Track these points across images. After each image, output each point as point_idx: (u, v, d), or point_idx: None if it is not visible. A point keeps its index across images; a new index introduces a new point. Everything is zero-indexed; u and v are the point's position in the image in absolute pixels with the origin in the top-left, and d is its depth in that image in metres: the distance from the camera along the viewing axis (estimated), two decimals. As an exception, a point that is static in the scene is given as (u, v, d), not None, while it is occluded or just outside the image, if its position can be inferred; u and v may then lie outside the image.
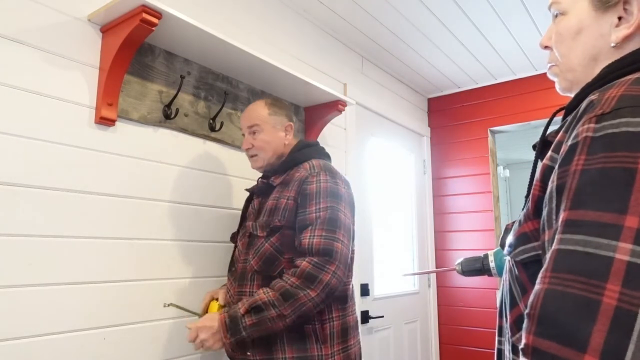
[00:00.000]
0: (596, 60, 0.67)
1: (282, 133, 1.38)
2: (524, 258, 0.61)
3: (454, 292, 2.88)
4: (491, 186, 2.81)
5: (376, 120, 2.58)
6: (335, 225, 1.19)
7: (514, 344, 0.62)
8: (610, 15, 0.65)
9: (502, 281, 0.71)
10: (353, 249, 1.31)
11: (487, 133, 2.88)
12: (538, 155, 0.68)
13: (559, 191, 0.54)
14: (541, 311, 0.48)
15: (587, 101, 0.57)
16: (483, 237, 2.80)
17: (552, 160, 0.59)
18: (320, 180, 1.24)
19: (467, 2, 1.99)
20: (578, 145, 0.53)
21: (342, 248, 1.18)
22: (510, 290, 0.65)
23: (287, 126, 1.40)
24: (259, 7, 1.86)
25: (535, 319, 0.48)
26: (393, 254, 2.66)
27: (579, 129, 0.54)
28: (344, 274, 1.17)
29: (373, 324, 2.34)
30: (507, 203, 5.50)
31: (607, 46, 0.65)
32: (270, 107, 1.38)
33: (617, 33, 0.64)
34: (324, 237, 1.17)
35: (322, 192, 1.22)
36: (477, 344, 2.75)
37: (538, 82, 2.71)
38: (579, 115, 0.56)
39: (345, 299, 1.29)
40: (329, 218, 1.19)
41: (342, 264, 1.17)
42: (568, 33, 0.69)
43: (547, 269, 0.50)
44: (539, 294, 0.49)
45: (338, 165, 2.20)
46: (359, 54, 2.47)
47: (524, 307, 0.61)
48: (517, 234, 0.63)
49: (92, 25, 1.28)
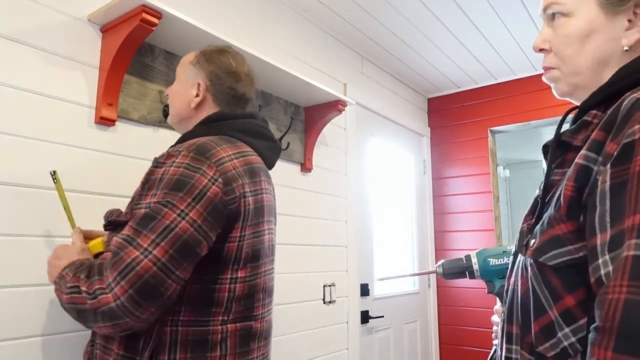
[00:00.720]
0: (606, 63, 0.65)
1: (192, 91, 1.07)
2: (558, 263, 0.57)
3: (454, 292, 2.88)
4: (491, 186, 2.81)
5: (376, 120, 2.58)
6: (145, 226, 0.82)
7: (541, 354, 0.59)
8: (621, 18, 0.63)
9: (512, 285, 0.68)
10: (235, 277, 0.91)
11: (487, 133, 2.88)
12: (552, 156, 0.65)
13: (614, 192, 0.51)
14: (622, 324, 0.44)
15: (631, 99, 0.55)
16: (483, 237, 2.80)
17: (588, 160, 0.56)
18: (174, 163, 0.89)
19: (467, 1, 1.99)
20: (637, 144, 0.50)
21: (136, 260, 0.79)
22: (535, 296, 0.61)
23: (200, 85, 1.06)
24: (259, 7, 1.86)
25: (614, 333, 0.44)
26: (393, 254, 2.66)
27: (635, 127, 0.51)
28: (129, 299, 0.78)
29: (373, 324, 2.34)
30: (507, 203, 5.50)
31: (618, 50, 0.64)
32: (199, 56, 1.08)
33: (630, 36, 0.63)
34: (122, 238, 0.83)
35: (166, 179, 0.87)
36: (477, 344, 2.75)
37: (538, 82, 2.71)
38: (625, 113, 0.54)
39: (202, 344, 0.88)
40: (145, 214, 0.84)
41: (122, 280, 0.78)
42: (576, 35, 0.66)
43: (622, 278, 0.46)
44: (615, 305, 0.45)
45: (338, 165, 2.20)
46: (359, 54, 2.47)
47: (555, 314, 0.57)
48: (548, 236, 0.59)
49: (92, 25, 1.28)
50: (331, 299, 2.05)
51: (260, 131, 1.08)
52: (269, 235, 1.03)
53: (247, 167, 0.97)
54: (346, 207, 2.22)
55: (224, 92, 1.08)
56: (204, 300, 0.89)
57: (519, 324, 0.64)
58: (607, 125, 0.56)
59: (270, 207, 1.05)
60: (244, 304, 0.94)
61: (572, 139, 0.63)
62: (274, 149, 1.12)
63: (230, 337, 0.91)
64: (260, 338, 0.99)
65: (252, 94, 1.13)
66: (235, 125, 1.04)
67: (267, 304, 1.02)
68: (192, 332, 0.87)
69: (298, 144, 1.94)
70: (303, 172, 1.98)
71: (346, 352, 2.10)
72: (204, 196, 0.86)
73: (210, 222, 0.87)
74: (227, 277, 0.91)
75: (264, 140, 1.09)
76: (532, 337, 0.61)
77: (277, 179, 1.83)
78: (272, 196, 1.07)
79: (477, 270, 0.97)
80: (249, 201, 0.94)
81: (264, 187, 1.02)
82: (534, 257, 0.61)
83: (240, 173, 0.94)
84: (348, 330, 2.13)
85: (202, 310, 0.89)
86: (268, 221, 1.02)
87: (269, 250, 1.03)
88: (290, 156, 1.89)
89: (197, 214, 0.85)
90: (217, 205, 0.88)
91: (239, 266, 0.93)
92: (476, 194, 2.86)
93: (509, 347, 0.66)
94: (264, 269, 0.99)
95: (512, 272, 0.70)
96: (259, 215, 0.97)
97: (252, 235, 0.95)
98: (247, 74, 1.11)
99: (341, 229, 2.17)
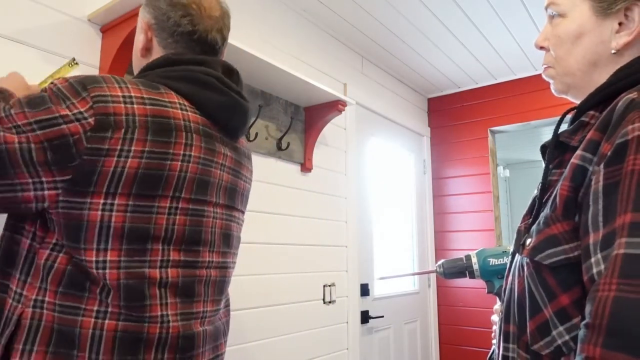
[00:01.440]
0: (595, 65, 0.66)
1: (140, 36, 0.90)
2: (553, 262, 0.58)
3: (454, 292, 2.88)
4: (491, 186, 2.82)
5: (376, 120, 2.58)
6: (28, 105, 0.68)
7: (536, 352, 0.60)
8: (611, 21, 0.64)
9: (510, 284, 0.68)
10: (104, 260, 0.71)
11: (487, 133, 2.88)
12: (550, 156, 0.66)
13: (607, 191, 0.51)
14: (611, 321, 0.44)
15: (625, 100, 0.55)
16: (483, 237, 2.80)
17: (584, 160, 0.57)
18: (52, 85, 0.75)
19: (467, 2, 1.99)
20: (630, 144, 0.51)
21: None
22: (531, 295, 0.61)
23: (145, 26, 0.89)
24: (259, 7, 1.86)
25: (604, 329, 0.45)
26: (393, 254, 2.67)
27: (628, 127, 0.52)
28: None
29: (373, 324, 2.34)
30: (507, 203, 5.50)
31: (607, 52, 0.65)
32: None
33: (618, 40, 0.63)
34: None
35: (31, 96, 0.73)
36: (477, 344, 2.75)
37: (538, 82, 2.71)
38: (620, 114, 0.54)
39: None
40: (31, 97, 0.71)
41: None
42: (568, 37, 0.68)
43: (612, 275, 0.46)
44: (604, 302, 0.46)
45: (338, 165, 2.20)
46: (359, 54, 2.47)
47: (550, 313, 0.58)
48: (544, 236, 0.60)
49: (92, 25, 1.28)
50: (331, 299, 2.05)
51: (206, 80, 0.82)
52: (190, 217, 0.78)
53: (155, 120, 0.74)
54: (346, 207, 2.22)
55: (167, 30, 0.86)
56: (74, 280, 0.70)
57: (515, 323, 0.65)
58: (602, 126, 0.57)
59: (209, 182, 0.82)
60: (128, 298, 0.71)
61: (569, 140, 0.64)
62: (230, 106, 0.84)
63: (106, 337, 0.70)
64: (164, 348, 0.74)
65: (214, 32, 0.89)
66: (169, 72, 0.82)
67: (184, 304, 0.78)
68: (57, 319, 0.69)
69: (298, 144, 1.94)
70: (303, 172, 1.98)
71: (346, 352, 2.11)
72: (55, 126, 0.67)
73: (46, 160, 0.67)
74: (93, 259, 0.70)
75: (211, 92, 0.82)
76: (528, 336, 0.61)
77: (277, 179, 1.83)
78: (219, 171, 0.84)
79: (477, 270, 0.97)
80: (135, 163, 0.71)
81: (191, 154, 0.78)
82: (530, 257, 0.62)
83: (134, 123, 0.72)
84: (348, 330, 2.14)
85: (71, 294, 0.70)
86: (199, 200, 0.79)
87: (207, 236, 0.82)
88: (290, 156, 1.89)
89: (35, 139, 0.66)
90: (67, 146, 0.67)
91: (108, 245, 0.70)
92: (476, 194, 2.86)
93: (506, 346, 0.66)
94: (160, 257, 0.75)
95: (509, 271, 0.70)
96: (154, 186, 0.73)
97: (135, 208, 0.72)
98: (203, 6, 0.87)
99: (341, 229, 2.17)
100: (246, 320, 1.62)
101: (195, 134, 0.79)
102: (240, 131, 0.90)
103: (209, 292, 0.82)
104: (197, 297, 0.80)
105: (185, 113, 0.79)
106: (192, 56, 0.85)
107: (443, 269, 1.02)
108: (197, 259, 0.80)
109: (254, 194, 1.71)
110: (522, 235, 0.66)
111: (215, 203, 0.83)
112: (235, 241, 0.92)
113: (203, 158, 0.80)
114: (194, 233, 0.79)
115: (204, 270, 0.81)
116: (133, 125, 0.72)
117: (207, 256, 0.82)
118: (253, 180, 1.72)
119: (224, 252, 0.87)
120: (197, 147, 0.79)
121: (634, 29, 0.62)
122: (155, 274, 0.74)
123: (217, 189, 0.84)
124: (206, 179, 0.81)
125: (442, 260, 1.04)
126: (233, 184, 0.88)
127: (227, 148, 0.87)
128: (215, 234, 0.84)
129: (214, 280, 0.84)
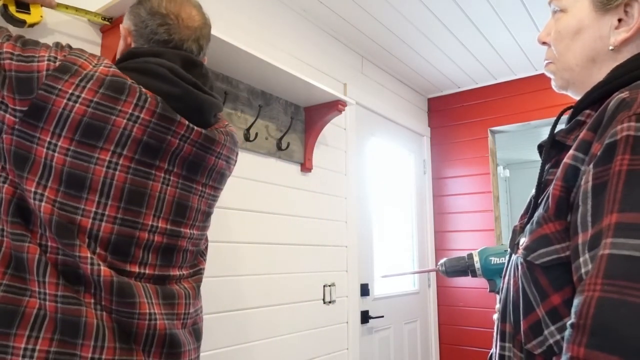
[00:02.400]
0: (594, 61, 0.65)
1: (121, 41, 0.97)
2: (545, 261, 0.58)
3: (454, 292, 2.88)
4: (491, 186, 2.82)
5: (376, 120, 2.58)
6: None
7: (529, 351, 0.60)
8: (610, 16, 0.63)
9: (506, 284, 0.68)
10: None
11: (487, 133, 2.88)
12: (546, 156, 0.66)
13: (596, 192, 0.51)
14: (595, 321, 0.45)
15: (617, 99, 0.55)
16: (483, 237, 2.80)
17: (576, 160, 0.57)
18: None
19: (467, 2, 1.99)
20: (619, 144, 0.50)
21: None
22: (525, 294, 0.61)
23: (126, 32, 0.95)
24: (259, 7, 1.86)
25: (588, 329, 0.45)
26: (393, 254, 2.67)
27: (617, 127, 0.51)
28: None
29: (373, 324, 2.34)
30: (507, 203, 5.50)
31: (605, 48, 0.64)
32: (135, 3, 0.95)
33: (616, 36, 0.63)
34: None
35: None
36: (477, 344, 2.75)
37: (538, 82, 2.71)
38: (611, 114, 0.54)
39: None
40: None
41: None
42: (567, 32, 0.67)
43: (597, 275, 0.47)
44: (589, 302, 0.46)
45: (338, 165, 2.20)
46: (359, 54, 2.47)
47: (542, 312, 0.58)
48: (536, 235, 0.60)
49: (92, 25, 1.28)
50: (331, 299, 2.05)
51: (158, 71, 0.84)
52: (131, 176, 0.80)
53: (113, 79, 0.78)
54: (346, 207, 2.22)
55: (145, 37, 0.90)
56: (20, 210, 0.75)
57: (511, 322, 0.65)
58: (594, 126, 0.57)
59: (161, 147, 0.83)
60: (59, 234, 0.74)
61: (565, 139, 0.64)
62: (181, 97, 0.85)
63: (50, 317, 0.72)
64: (100, 290, 0.75)
65: (190, 42, 0.92)
66: (128, 64, 0.85)
67: (115, 260, 0.79)
68: (2, 298, 0.72)
69: (298, 144, 1.94)
70: (303, 172, 1.98)
71: (346, 352, 2.11)
72: (29, 62, 0.76)
73: (12, 87, 0.74)
74: (32, 189, 0.74)
75: (161, 83, 0.84)
76: (522, 335, 0.61)
77: (277, 179, 1.83)
78: (178, 140, 0.85)
79: (479, 269, 0.98)
80: (81, 110, 0.75)
81: (139, 116, 0.79)
82: (523, 256, 0.62)
83: (93, 76, 0.77)
84: (348, 330, 2.14)
85: (18, 222, 0.75)
86: (144, 162, 0.81)
87: (153, 200, 0.82)
88: (290, 156, 1.89)
89: (8, 67, 0.75)
90: (30, 79, 0.75)
91: (48, 183, 0.74)
92: (476, 194, 2.86)
93: (502, 345, 0.66)
94: (95, 209, 0.76)
95: (506, 271, 0.71)
96: (96, 137, 0.76)
97: (75, 153, 0.75)
98: (182, 17, 0.91)
99: (341, 229, 2.17)
100: (246, 320, 1.62)
101: (151, 99, 0.81)
102: (195, 121, 0.89)
103: (148, 257, 0.83)
104: (131, 258, 0.81)
105: (143, 89, 0.83)
106: (149, 48, 0.89)
107: (445, 268, 1.03)
108: (137, 220, 0.81)
109: (254, 194, 1.71)
110: (518, 235, 0.66)
111: (168, 170, 0.85)
112: (197, 214, 0.92)
113: (155, 123, 0.81)
114: (134, 193, 0.80)
115: (145, 233, 0.82)
116: (90, 77, 0.77)
117: (151, 220, 0.83)
118: (253, 180, 1.72)
119: (175, 221, 0.87)
120: (149, 111, 0.81)
121: (633, 25, 0.61)
122: (87, 224, 0.76)
123: (172, 156, 0.85)
124: (156, 144, 0.82)
125: (444, 259, 1.04)
126: (198, 156, 0.89)
127: (193, 123, 0.88)
128: (163, 200, 0.84)
129: (156, 246, 0.84)
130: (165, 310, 0.83)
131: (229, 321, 1.56)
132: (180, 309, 0.86)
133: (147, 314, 0.79)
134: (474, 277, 0.99)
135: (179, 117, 0.84)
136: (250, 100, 1.71)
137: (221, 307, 1.53)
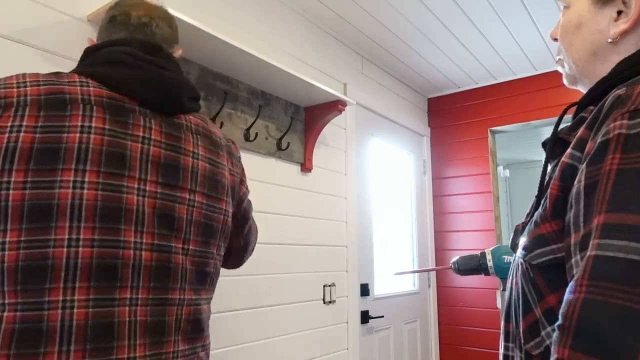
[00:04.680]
0: (596, 55, 0.65)
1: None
2: (542, 262, 0.57)
3: (454, 292, 2.88)
4: (491, 186, 2.82)
5: (376, 120, 2.58)
6: None
7: (527, 352, 0.59)
8: (609, 9, 0.63)
9: (510, 283, 0.68)
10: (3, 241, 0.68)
11: (487, 133, 2.88)
12: (549, 154, 0.65)
13: (588, 191, 0.50)
14: (579, 323, 0.44)
15: (613, 96, 0.54)
16: (483, 237, 2.80)
17: (573, 159, 0.56)
18: None
19: (467, 2, 1.99)
20: (610, 143, 0.49)
21: None
22: (524, 294, 0.61)
23: (90, 43, 0.95)
24: (259, 7, 1.86)
25: (572, 331, 0.45)
26: (393, 254, 2.67)
27: (610, 125, 0.50)
28: None
29: (373, 324, 2.34)
30: (507, 203, 5.50)
31: (604, 42, 0.63)
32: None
33: (615, 29, 0.62)
34: None
35: None
36: (477, 344, 2.75)
37: (538, 82, 2.71)
38: (606, 111, 0.53)
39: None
40: None
41: None
42: (569, 27, 0.67)
43: (583, 277, 0.46)
44: (574, 304, 0.45)
45: (338, 165, 2.20)
46: (359, 54, 2.47)
47: (539, 313, 0.58)
48: (533, 235, 0.59)
49: (92, 25, 1.28)
50: (331, 299, 2.05)
51: (118, 57, 0.81)
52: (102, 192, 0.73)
53: (49, 97, 0.73)
54: (346, 207, 2.22)
55: (102, 38, 0.90)
56: None
57: (513, 322, 0.65)
58: (591, 123, 0.56)
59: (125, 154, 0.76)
60: (25, 281, 0.66)
61: (568, 136, 0.63)
62: (144, 79, 0.81)
63: (5, 330, 0.65)
64: (69, 338, 0.67)
65: (146, 28, 0.90)
66: (87, 61, 0.82)
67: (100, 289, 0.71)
68: None
69: (298, 144, 1.94)
70: (303, 172, 1.98)
71: (346, 352, 2.11)
72: None
73: None
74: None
75: (122, 68, 0.80)
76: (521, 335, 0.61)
77: (277, 179, 1.83)
78: (140, 144, 0.79)
79: (492, 267, 0.98)
80: (28, 138, 0.70)
81: (91, 125, 0.74)
82: (521, 257, 0.61)
83: (25, 102, 0.72)
84: (348, 330, 2.14)
85: None
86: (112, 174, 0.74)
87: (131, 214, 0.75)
88: (290, 156, 1.89)
89: None
90: None
91: (7, 226, 0.67)
92: (476, 194, 2.86)
93: (506, 345, 0.66)
94: (68, 235, 0.69)
95: (511, 270, 0.71)
96: (53, 159, 0.70)
97: (35, 183, 0.69)
98: (131, 12, 0.90)
99: (341, 229, 2.17)
100: (246, 321, 1.62)
101: (96, 105, 0.75)
102: (169, 105, 0.83)
103: (139, 278, 0.74)
104: (121, 282, 0.72)
105: (84, 89, 0.76)
106: (104, 42, 0.86)
107: (458, 266, 1.03)
108: (118, 238, 0.73)
109: (254, 194, 1.71)
110: (519, 234, 0.66)
111: (141, 179, 0.77)
112: (189, 225, 0.82)
113: (109, 129, 0.75)
114: (109, 209, 0.73)
115: (129, 251, 0.74)
116: (24, 104, 0.71)
117: (133, 236, 0.74)
118: (253, 180, 1.72)
119: (161, 235, 0.78)
120: (99, 119, 0.75)
121: (631, 16, 0.60)
122: (61, 254, 0.68)
123: (142, 163, 0.78)
124: (119, 152, 0.75)
125: (457, 257, 1.04)
126: (170, 159, 0.81)
127: (155, 122, 0.81)
128: (143, 213, 0.76)
129: (147, 265, 0.75)
130: (151, 351, 0.74)
131: (228, 321, 1.56)
132: (169, 348, 0.77)
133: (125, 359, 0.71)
134: (487, 275, 0.99)
135: (131, 119, 0.78)
136: (250, 100, 1.71)
137: (221, 307, 1.54)
